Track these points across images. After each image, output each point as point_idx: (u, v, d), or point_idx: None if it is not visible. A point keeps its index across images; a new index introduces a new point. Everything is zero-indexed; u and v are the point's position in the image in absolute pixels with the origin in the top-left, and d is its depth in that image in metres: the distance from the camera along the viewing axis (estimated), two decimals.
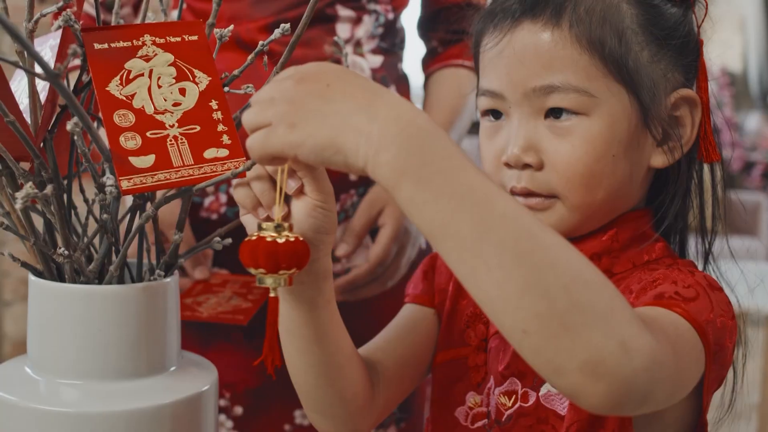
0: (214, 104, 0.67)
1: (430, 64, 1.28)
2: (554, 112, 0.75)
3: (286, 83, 0.59)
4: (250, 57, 0.70)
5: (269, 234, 0.63)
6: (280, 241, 0.62)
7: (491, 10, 0.81)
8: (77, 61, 0.70)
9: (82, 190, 0.79)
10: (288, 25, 0.68)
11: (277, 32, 0.68)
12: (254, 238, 0.63)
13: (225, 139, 0.69)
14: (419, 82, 1.31)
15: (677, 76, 0.77)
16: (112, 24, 0.76)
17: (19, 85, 0.75)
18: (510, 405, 0.78)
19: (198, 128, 0.66)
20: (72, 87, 0.70)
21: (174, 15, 1.18)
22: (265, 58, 0.71)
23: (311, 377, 0.76)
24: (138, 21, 0.76)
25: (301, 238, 0.64)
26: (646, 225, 0.78)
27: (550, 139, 0.75)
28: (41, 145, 0.70)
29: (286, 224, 0.64)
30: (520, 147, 0.75)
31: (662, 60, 0.76)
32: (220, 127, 0.67)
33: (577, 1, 0.75)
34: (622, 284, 0.74)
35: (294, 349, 0.75)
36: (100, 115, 0.67)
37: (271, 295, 0.64)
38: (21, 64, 0.64)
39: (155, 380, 0.73)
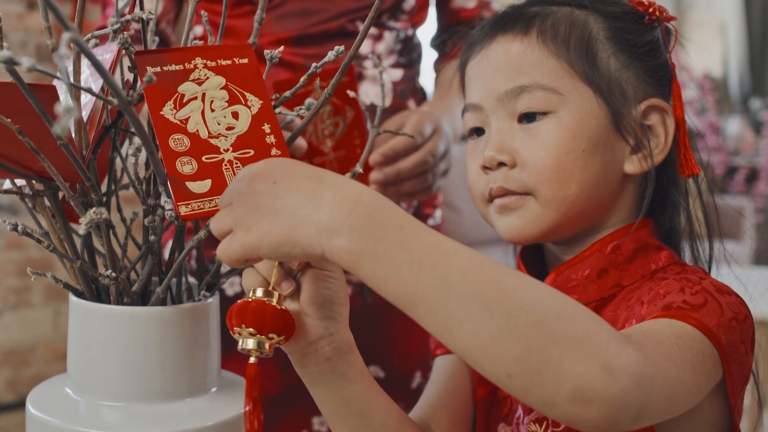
0: (266, 128, 0.66)
1: (439, 62, 1.31)
2: (527, 117, 0.78)
3: (240, 185, 0.60)
4: (303, 78, 0.70)
5: (259, 297, 0.64)
6: (270, 303, 0.63)
7: (471, 41, 0.85)
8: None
9: (119, 209, 0.79)
10: (342, 47, 0.69)
11: (330, 54, 0.68)
12: (244, 300, 0.64)
13: None
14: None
15: (648, 88, 0.80)
16: (148, 42, 0.76)
17: None
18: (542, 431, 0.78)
19: (252, 152, 0.66)
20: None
21: (197, 30, 1.18)
22: (317, 80, 0.71)
23: None
24: (183, 38, 0.76)
25: (288, 309, 0.65)
26: (648, 236, 0.80)
27: (522, 139, 0.78)
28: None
29: (276, 293, 0.65)
30: (494, 147, 0.78)
31: (631, 69, 0.79)
32: (274, 151, 0.66)
33: (545, 16, 0.80)
34: (633, 295, 0.75)
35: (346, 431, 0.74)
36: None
37: (251, 360, 0.64)
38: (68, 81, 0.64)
39: (197, 402, 0.73)
